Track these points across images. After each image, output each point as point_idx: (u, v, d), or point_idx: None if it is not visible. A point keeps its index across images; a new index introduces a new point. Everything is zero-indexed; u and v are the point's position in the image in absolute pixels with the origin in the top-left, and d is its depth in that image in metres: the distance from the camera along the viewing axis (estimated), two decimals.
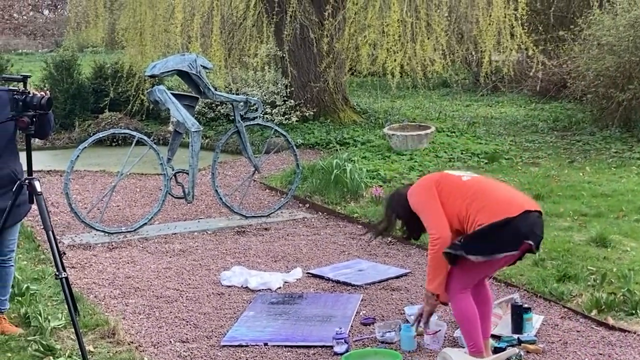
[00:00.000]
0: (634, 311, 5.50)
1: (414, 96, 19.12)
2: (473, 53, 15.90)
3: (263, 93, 14.94)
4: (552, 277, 6.21)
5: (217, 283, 6.59)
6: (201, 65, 8.45)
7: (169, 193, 8.49)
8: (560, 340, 5.19)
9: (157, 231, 8.32)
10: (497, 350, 4.90)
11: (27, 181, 5.04)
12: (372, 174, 10.04)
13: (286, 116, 14.64)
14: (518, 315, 5.24)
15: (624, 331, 5.29)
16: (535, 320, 5.37)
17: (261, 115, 9.25)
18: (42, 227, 5.07)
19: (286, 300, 6.13)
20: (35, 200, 5.06)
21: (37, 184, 5.04)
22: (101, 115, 15.18)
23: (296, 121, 14.58)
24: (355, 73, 17.84)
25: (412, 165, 10.84)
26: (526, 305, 5.35)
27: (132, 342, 5.28)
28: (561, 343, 5.14)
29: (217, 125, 15.20)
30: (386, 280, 6.55)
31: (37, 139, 5.58)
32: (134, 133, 8.63)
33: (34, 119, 4.98)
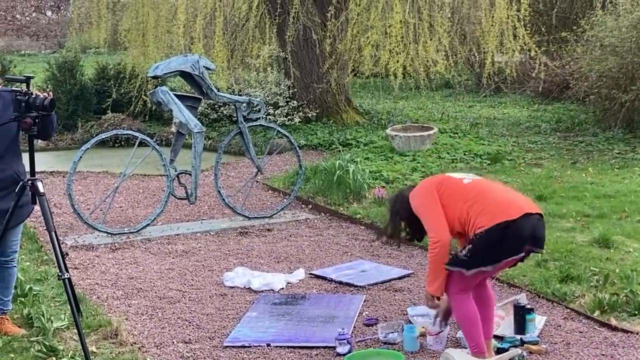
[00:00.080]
0: (637, 312, 5.51)
1: (417, 97, 19.12)
2: (476, 54, 15.86)
3: (266, 94, 14.93)
4: (555, 278, 6.22)
5: (220, 284, 6.59)
6: (204, 66, 8.45)
7: (172, 194, 8.49)
8: (562, 340, 5.19)
9: (160, 232, 8.32)
10: (500, 350, 4.91)
11: (30, 182, 5.05)
12: (375, 175, 10.04)
13: (289, 117, 14.64)
14: (521, 315, 5.25)
15: (627, 332, 5.29)
16: (537, 320, 5.37)
17: (264, 116, 9.25)
18: (45, 228, 5.08)
19: (289, 301, 6.13)
20: (38, 201, 5.07)
21: (40, 185, 5.05)
22: (104, 116, 15.17)
23: (299, 122, 14.57)
24: (357, 74, 17.85)
25: (415, 166, 10.83)
26: (529, 306, 5.36)
27: (135, 343, 5.28)
28: (564, 344, 5.14)
29: (220, 126, 15.19)
30: (389, 281, 6.56)
31: (40, 140, 5.58)
32: (137, 134, 8.63)
33: (37, 120, 4.98)
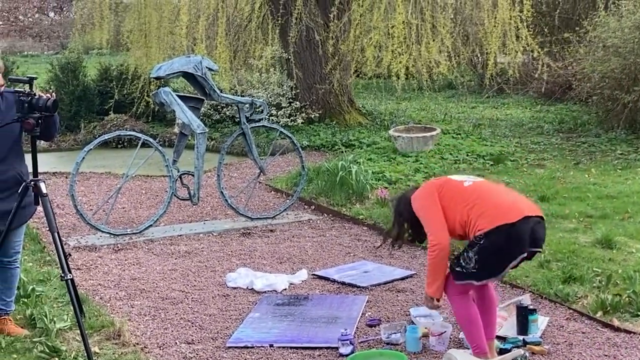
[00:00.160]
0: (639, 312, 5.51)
1: (420, 98, 19.11)
2: (478, 55, 15.85)
3: (268, 95, 14.93)
4: (558, 279, 6.21)
5: (223, 285, 6.59)
6: (207, 67, 8.45)
7: (175, 195, 8.49)
8: (565, 341, 5.18)
9: (163, 233, 8.33)
10: (503, 351, 4.91)
11: (33, 183, 5.05)
12: (378, 176, 10.04)
13: (292, 118, 14.63)
14: (523, 316, 5.24)
15: (630, 332, 5.28)
16: (540, 321, 5.37)
17: (267, 117, 9.26)
18: (48, 229, 5.09)
19: (292, 301, 6.13)
20: (40, 201, 5.07)
21: (43, 186, 5.05)
22: (107, 117, 15.18)
23: (302, 123, 14.57)
24: (360, 75, 17.86)
25: (418, 167, 10.83)
26: (531, 306, 5.35)
27: (138, 344, 5.29)
28: (566, 344, 5.13)
29: (223, 127, 15.19)
30: (391, 281, 6.56)
31: (43, 141, 5.58)
32: (140, 135, 8.63)
33: (40, 121, 4.99)
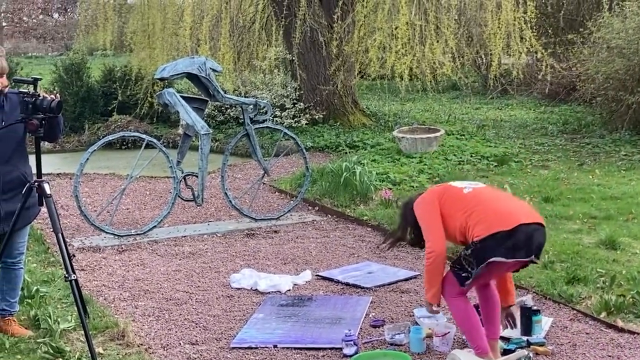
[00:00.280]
0: None
1: (424, 99, 19.10)
2: (482, 56, 15.87)
3: (272, 96, 14.95)
4: (561, 280, 6.21)
5: (227, 285, 6.59)
6: (210, 68, 8.46)
7: (179, 196, 8.49)
8: (569, 342, 5.18)
9: (167, 234, 8.33)
10: (506, 352, 4.90)
11: (37, 184, 5.05)
12: (382, 177, 10.05)
13: (296, 119, 14.65)
14: (527, 317, 5.24)
15: (633, 333, 5.27)
16: (544, 322, 5.36)
17: (270, 118, 9.27)
18: (52, 230, 5.08)
19: (295, 302, 6.13)
20: (44, 202, 5.06)
21: (47, 187, 5.05)
22: (111, 118, 15.21)
23: (306, 124, 14.59)
24: (364, 76, 17.83)
25: (422, 168, 10.83)
26: (535, 307, 5.35)
27: (142, 344, 5.29)
28: (570, 345, 5.13)
29: (227, 128, 15.21)
30: (395, 282, 6.55)
31: (47, 142, 5.58)
32: (144, 136, 8.64)
33: (44, 122, 4.98)
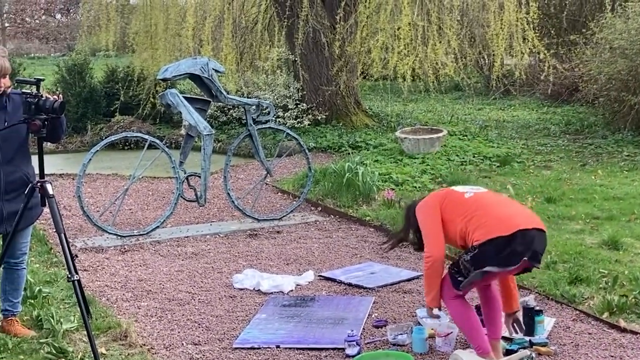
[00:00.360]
0: None
1: (426, 100, 19.11)
2: (485, 57, 15.87)
3: (275, 97, 14.95)
4: (564, 280, 6.21)
5: (229, 286, 6.60)
6: (213, 68, 8.46)
7: (181, 196, 8.50)
8: (571, 342, 5.18)
9: (170, 234, 8.34)
10: (509, 352, 4.90)
11: (40, 184, 5.06)
12: (384, 177, 10.05)
13: (298, 120, 14.65)
14: (529, 317, 5.23)
15: (636, 333, 5.27)
16: (546, 322, 5.36)
17: (273, 118, 9.27)
18: (55, 230, 5.09)
19: (298, 302, 6.14)
20: (47, 203, 5.07)
21: (49, 187, 5.05)
22: (113, 118, 15.23)
23: (308, 125, 14.59)
24: (367, 76, 17.87)
25: (424, 168, 10.83)
26: (538, 307, 5.35)
27: (145, 345, 5.29)
28: (573, 345, 5.13)
29: (230, 128, 15.22)
30: (398, 282, 6.56)
31: (49, 143, 5.59)
32: (146, 136, 8.65)
33: (46, 123, 4.99)
